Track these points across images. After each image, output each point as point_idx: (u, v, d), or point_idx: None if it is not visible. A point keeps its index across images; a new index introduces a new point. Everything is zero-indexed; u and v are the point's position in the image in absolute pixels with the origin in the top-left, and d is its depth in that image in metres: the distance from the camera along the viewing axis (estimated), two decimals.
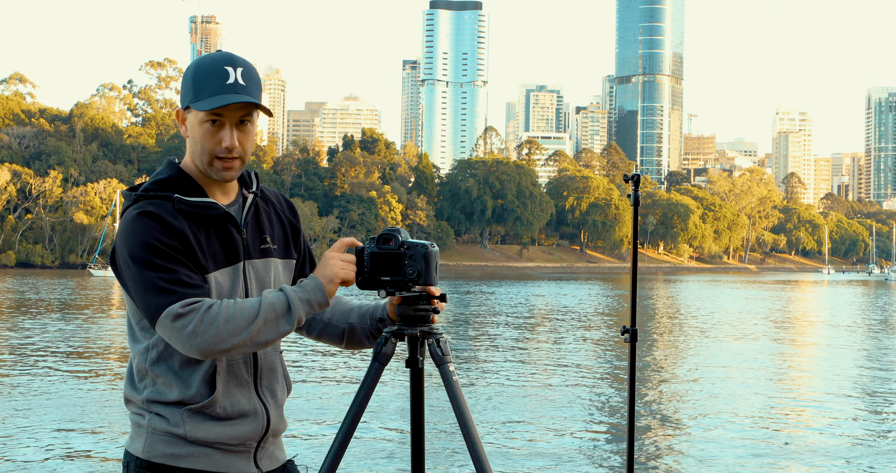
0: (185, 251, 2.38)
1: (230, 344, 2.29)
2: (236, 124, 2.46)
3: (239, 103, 2.42)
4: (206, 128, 2.44)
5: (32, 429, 11.09)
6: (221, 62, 2.45)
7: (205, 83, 2.43)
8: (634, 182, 4.46)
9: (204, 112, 2.43)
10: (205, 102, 2.42)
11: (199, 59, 2.49)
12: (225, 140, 2.44)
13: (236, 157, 2.46)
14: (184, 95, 2.47)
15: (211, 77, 2.43)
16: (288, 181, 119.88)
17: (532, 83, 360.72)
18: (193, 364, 2.42)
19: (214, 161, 2.46)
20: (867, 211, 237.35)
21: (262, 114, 2.49)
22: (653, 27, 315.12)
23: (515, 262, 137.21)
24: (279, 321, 2.32)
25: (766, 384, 16.08)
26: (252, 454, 2.50)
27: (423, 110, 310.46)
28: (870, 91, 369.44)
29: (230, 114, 2.44)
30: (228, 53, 2.49)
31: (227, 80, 2.43)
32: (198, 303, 2.31)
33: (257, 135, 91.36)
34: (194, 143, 2.47)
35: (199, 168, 2.49)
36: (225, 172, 2.47)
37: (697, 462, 9.89)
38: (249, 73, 2.47)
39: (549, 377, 16.58)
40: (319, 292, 2.37)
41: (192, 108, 2.44)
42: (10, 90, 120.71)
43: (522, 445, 10.60)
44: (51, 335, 23.19)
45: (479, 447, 2.51)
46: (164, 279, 2.33)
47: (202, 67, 2.45)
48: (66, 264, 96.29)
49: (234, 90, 2.42)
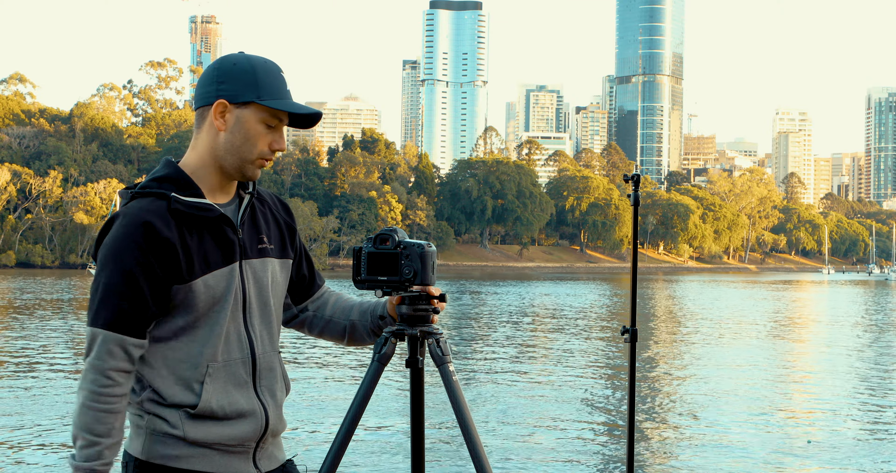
0: (160, 271, 2.36)
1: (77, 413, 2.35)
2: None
3: (285, 112, 2.45)
4: (260, 128, 2.44)
5: (31, 429, 11.09)
6: (276, 68, 2.47)
7: (271, 84, 2.43)
8: (634, 182, 4.46)
9: (268, 113, 2.43)
10: (281, 102, 2.43)
11: (243, 57, 2.47)
12: (278, 143, 2.46)
13: (274, 156, 2.51)
14: (238, 88, 2.43)
15: (276, 80, 2.44)
16: (288, 181, 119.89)
17: (532, 83, 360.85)
18: (190, 366, 2.42)
19: (257, 160, 2.47)
20: (867, 211, 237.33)
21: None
22: (653, 27, 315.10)
23: (515, 262, 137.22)
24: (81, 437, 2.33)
25: (766, 384, 16.07)
26: (251, 454, 2.49)
27: (423, 110, 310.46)
28: (870, 91, 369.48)
29: (285, 120, 2.47)
30: (270, 59, 2.51)
31: (286, 86, 2.46)
32: (106, 383, 2.32)
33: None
34: (244, 139, 2.45)
35: (230, 165, 2.47)
36: (258, 170, 2.49)
37: (697, 462, 9.89)
38: None
39: (549, 376, 16.58)
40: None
41: (257, 103, 2.43)
42: (10, 90, 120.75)
43: (522, 445, 10.60)
44: (50, 335, 23.19)
45: (479, 446, 2.51)
46: (116, 308, 2.34)
47: (263, 67, 2.44)
48: (66, 264, 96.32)
49: (290, 97, 2.47)
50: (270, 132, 2.46)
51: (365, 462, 9.50)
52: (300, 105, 2.45)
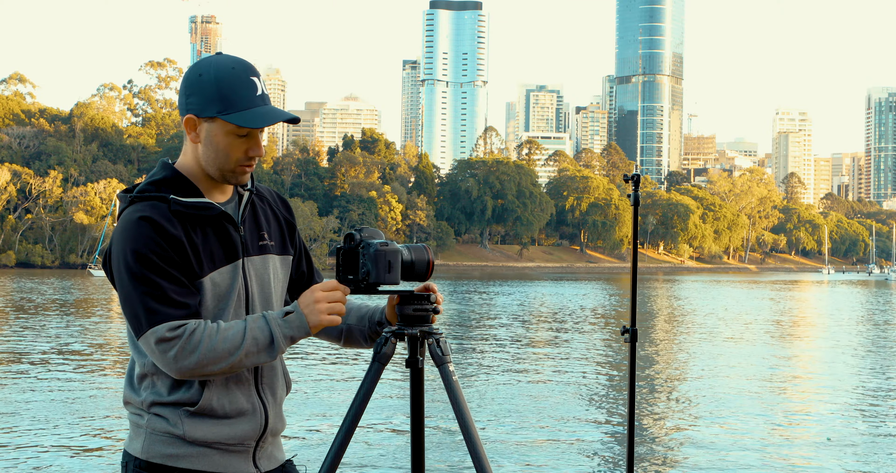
0: (178, 260, 2.36)
1: (209, 370, 2.32)
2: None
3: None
4: (232, 139, 2.42)
5: (30, 429, 11.09)
6: (244, 72, 2.40)
7: (235, 95, 2.38)
8: (634, 182, 4.46)
9: (234, 124, 2.39)
10: (241, 116, 2.38)
11: (215, 66, 2.41)
12: (253, 150, 2.44)
13: (255, 161, 2.48)
14: (203, 103, 2.40)
15: (240, 89, 2.39)
16: (288, 181, 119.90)
17: (532, 83, 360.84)
18: None
19: (237, 168, 2.45)
20: (867, 211, 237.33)
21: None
22: (653, 27, 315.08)
23: (515, 262, 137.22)
24: (260, 355, 2.34)
25: (766, 384, 16.07)
26: (251, 454, 2.49)
27: (423, 110, 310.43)
28: (870, 91, 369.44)
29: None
30: (242, 60, 2.43)
31: (256, 91, 2.40)
32: (181, 328, 2.30)
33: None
34: (215, 152, 2.43)
35: (213, 174, 2.47)
36: (243, 176, 2.48)
37: (698, 461, 9.89)
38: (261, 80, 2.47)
39: (549, 376, 16.58)
40: (303, 331, 2.37)
41: (220, 119, 2.39)
42: (10, 90, 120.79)
43: (522, 444, 10.60)
44: (50, 335, 23.18)
45: (479, 446, 2.52)
46: (151, 296, 2.31)
47: (226, 77, 2.39)
48: (66, 264, 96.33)
49: (263, 101, 2.41)
50: (245, 140, 2.43)
51: (365, 462, 9.50)
52: (262, 118, 2.39)
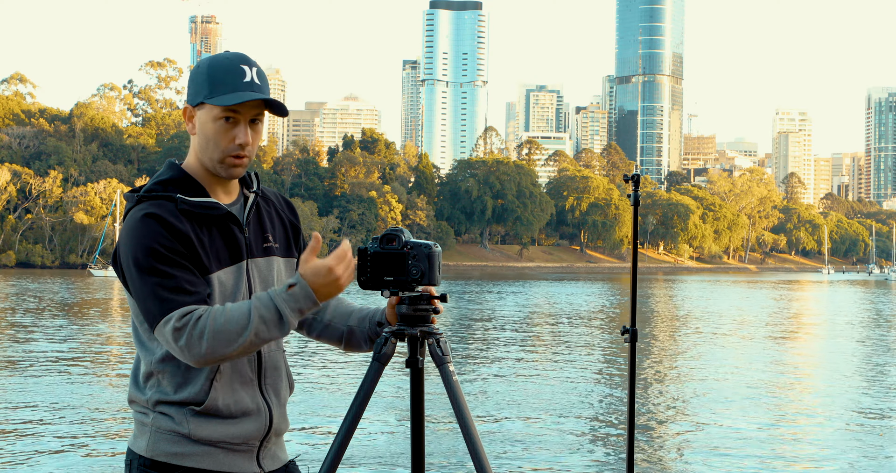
0: (187, 254, 2.38)
1: (225, 353, 2.31)
2: (249, 122, 2.46)
3: (254, 101, 2.43)
4: (219, 125, 2.44)
5: (33, 429, 11.10)
6: (237, 61, 2.46)
7: (222, 80, 2.43)
8: (634, 182, 4.46)
9: (219, 109, 2.42)
10: (223, 97, 2.41)
11: (212, 57, 2.49)
12: (239, 137, 2.44)
13: (246, 155, 2.47)
14: (195, 91, 2.46)
15: (228, 74, 2.43)
16: (288, 181, 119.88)
17: (532, 83, 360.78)
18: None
19: (226, 158, 2.46)
20: (867, 211, 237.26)
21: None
22: (653, 27, 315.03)
23: (515, 262, 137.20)
24: (272, 331, 2.32)
25: (766, 384, 16.08)
26: (255, 453, 2.50)
27: (423, 110, 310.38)
28: (870, 91, 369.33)
29: (245, 112, 2.44)
30: (241, 53, 2.49)
31: (244, 78, 2.43)
32: (188, 315, 2.30)
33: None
34: (206, 140, 2.46)
35: (207, 166, 2.48)
36: (234, 170, 2.47)
37: (698, 461, 9.89)
38: (262, 73, 2.48)
39: (549, 376, 16.59)
40: (310, 301, 2.34)
41: (206, 103, 2.44)
42: (10, 90, 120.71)
43: (522, 444, 10.61)
44: (51, 335, 23.19)
45: (479, 446, 2.52)
46: (164, 287, 2.33)
47: (218, 65, 2.45)
48: (66, 264, 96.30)
49: (250, 88, 2.43)
50: (232, 127, 2.45)
51: (365, 462, 9.51)
52: (238, 97, 2.40)
